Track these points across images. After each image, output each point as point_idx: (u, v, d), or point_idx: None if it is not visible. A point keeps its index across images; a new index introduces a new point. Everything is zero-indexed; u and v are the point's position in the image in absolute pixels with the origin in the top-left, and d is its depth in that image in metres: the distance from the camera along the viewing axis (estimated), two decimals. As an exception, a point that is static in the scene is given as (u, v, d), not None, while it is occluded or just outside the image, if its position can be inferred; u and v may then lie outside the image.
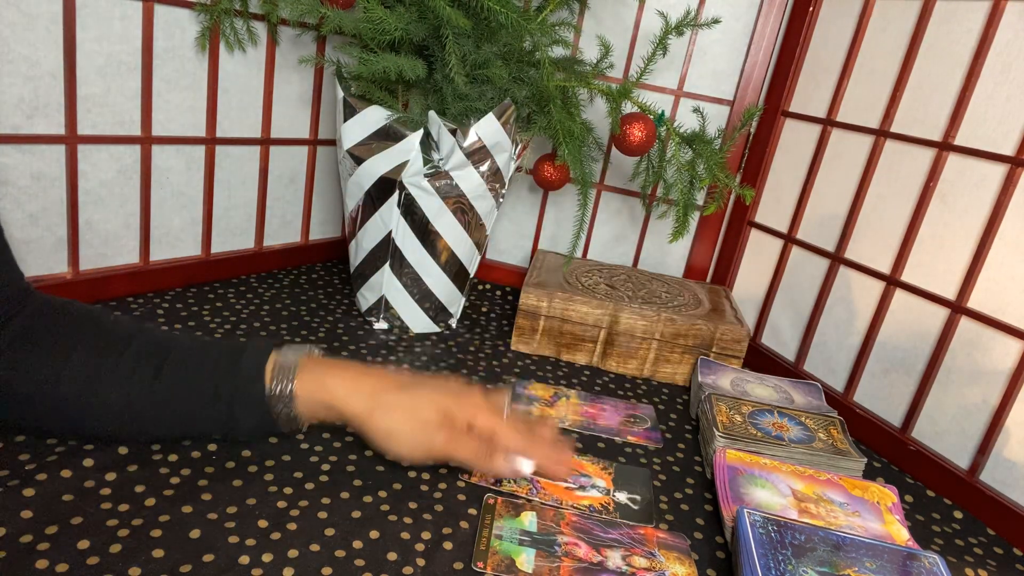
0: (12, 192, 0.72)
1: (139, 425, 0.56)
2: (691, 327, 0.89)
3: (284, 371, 0.56)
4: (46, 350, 0.53)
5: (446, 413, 0.57)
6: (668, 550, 0.58)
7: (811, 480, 0.66)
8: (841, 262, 0.89)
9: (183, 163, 0.86)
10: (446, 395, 0.58)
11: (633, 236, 1.12)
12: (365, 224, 0.86)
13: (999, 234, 0.73)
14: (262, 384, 0.55)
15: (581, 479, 0.66)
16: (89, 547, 0.47)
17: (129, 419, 0.55)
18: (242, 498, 0.55)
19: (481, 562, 0.53)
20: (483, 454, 0.57)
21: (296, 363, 0.57)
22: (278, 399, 0.56)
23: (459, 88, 0.80)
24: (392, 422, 0.56)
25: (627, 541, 0.58)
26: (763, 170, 1.01)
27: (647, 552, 0.57)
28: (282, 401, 0.56)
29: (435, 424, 0.57)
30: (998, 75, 0.74)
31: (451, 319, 0.94)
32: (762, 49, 1.00)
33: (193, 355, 0.56)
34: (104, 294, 0.82)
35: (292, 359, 0.57)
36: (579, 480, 0.66)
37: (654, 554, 0.57)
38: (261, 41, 0.89)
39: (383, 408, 0.56)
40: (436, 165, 0.82)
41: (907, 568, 0.54)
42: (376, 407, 0.56)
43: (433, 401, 0.57)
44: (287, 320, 0.87)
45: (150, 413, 0.55)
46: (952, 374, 0.76)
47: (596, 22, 1.03)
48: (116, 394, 0.54)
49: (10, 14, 0.67)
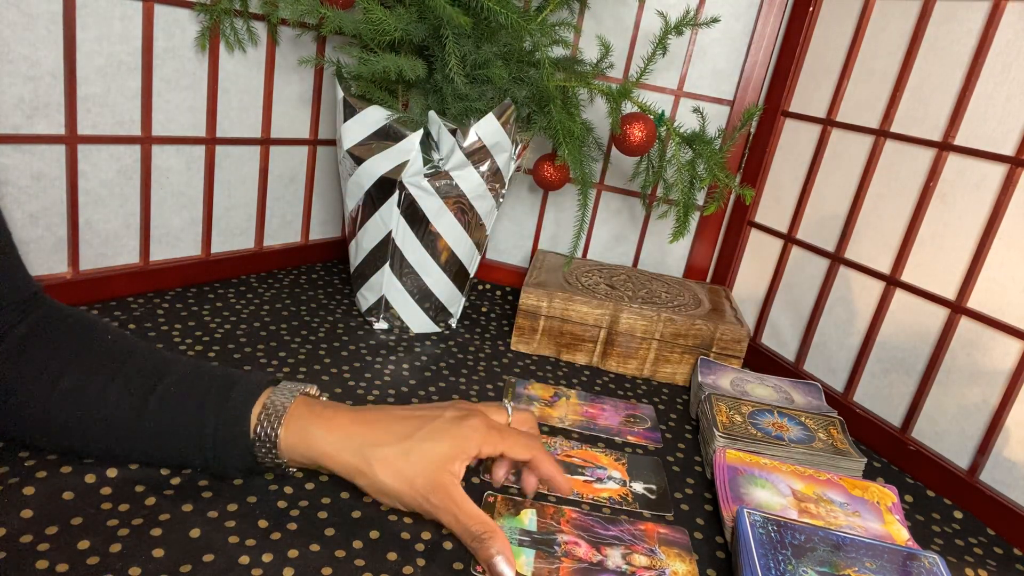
0: (12, 192, 0.72)
1: (121, 453, 0.54)
2: (691, 327, 0.89)
3: (271, 416, 0.53)
4: (41, 365, 0.52)
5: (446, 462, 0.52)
6: (669, 546, 0.58)
7: (811, 480, 0.66)
8: (841, 262, 0.89)
9: (183, 163, 0.86)
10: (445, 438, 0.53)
11: (633, 236, 1.12)
12: (365, 224, 0.86)
13: (999, 234, 0.73)
14: (247, 426, 0.52)
15: (598, 471, 0.66)
16: (89, 547, 0.47)
17: (112, 444, 0.53)
18: (242, 497, 0.55)
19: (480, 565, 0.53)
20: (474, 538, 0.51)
21: (285, 408, 0.53)
22: (262, 444, 0.53)
23: (459, 88, 0.80)
24: (383, 480, 0.52)
25: (628, 538, 0.58)
26: (763, 170, 1.01)
27: (648, 549, 0.57)
28: (266, 447, 0.53)
29: (426, 485, 0.52)
30: (998, 75, 0.74)
31: (451, 319, 0.94)
32: (762, 49, 1.01)
33: (184, 385, 0.53)
34: (104, 294, 0.82)
35: (282, 403, 0.54)
36: (596, 472, 0.66)
37: (655, 551, 0.57)
38: (261, 41, 0.89)
39: (372, 464, 0.52)
40: (436, 165, 0.82)
41: (907, 568, 0.54)
42: (366, 464, 0.52)
43: (429, 454, 0.53)
44: (287, 320, 0.87)
45: (134, 440, 0.53)
46: (952, 374, 0.76)
47: (596, 22, 1.03)
48: (102, 418, 0.52)
49: (10, 14, 0.67)
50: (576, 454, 0.69)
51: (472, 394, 0.78)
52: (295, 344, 0.81)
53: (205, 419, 0.52)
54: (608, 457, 0.70)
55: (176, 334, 0.78)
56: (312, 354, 0.80)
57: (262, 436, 0.52)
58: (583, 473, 0.66)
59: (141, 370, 0.54)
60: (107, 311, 0.80)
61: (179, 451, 0.53)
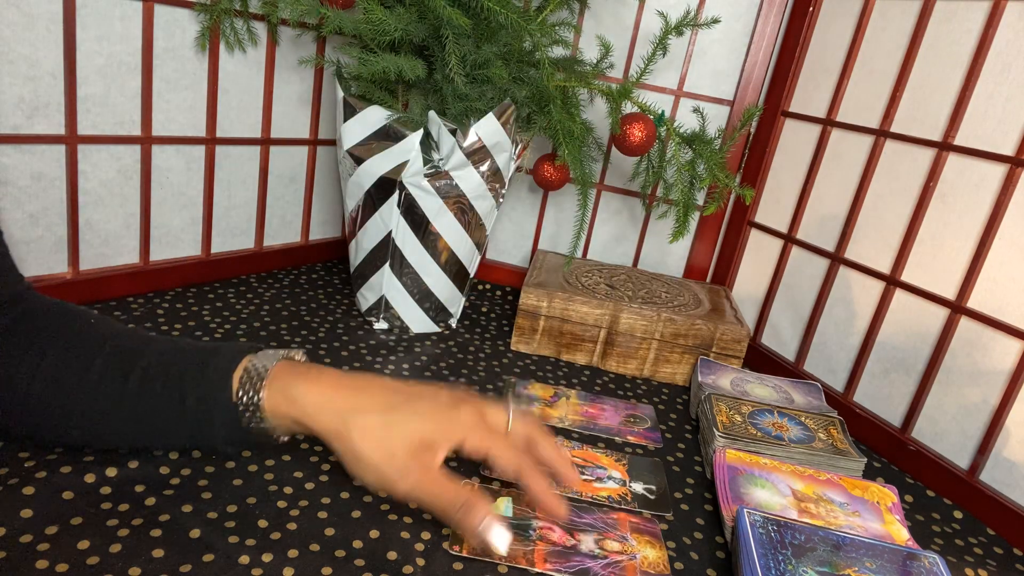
0: (12, 192, 0.72)
1: (102, 433, 0.53)
2: (691, 327, 0.89)
3: (253, 378, 0.51)
4: (21, 355, 0.52)
5: (426, 444, 0.49)
6: (640, 534, 0.59)
7: (811, 480, 0.66)
8: (841, 262, 0.89)
9: (183, 163, 0.86)
10: (432, 418, 0.51)
11: (633, 236, 1.12)
12: (365, 224, 0.86)
13: (999, 234, 0.73)
14: (228, 392, 0.51)
15: (597, 471, 0.67)
16: (89, 547, 0.47)
17: (95, 428, 0.52)
18: (242, 497, 0.55)
19: (457, 545, 0.53)
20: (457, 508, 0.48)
21: (267, 370, 0.51)
22: (245, 408, 0.51)
23: (459, 88, 0.80)
24: (361, 448, 0.49)
25: (600, 526, 0.59)
26: (763, 170, 1.01)
27: (620, 536, 0.58)
28: (249, 411, 0.51)
29: (405, 462, 0.49)
30: (998, 75, 0.74)
31: (451, 319, 0.94)
32: (762, 49, 1.01)
33: (164, 359, 0.52)
34: (104, 294, 0.82)
35: (263, 365, 0.52)
36: (596, 472, 0.67)
37: (626, 538, 0.58)
38: (261, 41, 0.89)
39: (353, 430, 0.49)
40: (436, 165, 0.82)
41: (907, 568, 0.54)
42: (345, 428, 0.49)
43: (411, 430, 0.50)
44: (287, 320, 0.87)
45: (114, 420, 0.52)
46: (952, 374, 0.76)
47: (596, 22, 1.03)
48: (81, 399, 0.51)
49: (10, 14, 0.67)
50: (576, 454, 0.69)
51: (472, 394, 0.78)
52: (295, 344, 0.81)
53: (186, 389, 0.51)
54: (608, 457, 0.70)
55: (176, 334, 0.78)
56: (312, 354, 0.80)
57: (244, 400, 0.51)
58: (583, 473, 0.66)
59: (121, 349, 0.53)
60: (107, 311, 0.80)
61: (162, 427, 0.52)
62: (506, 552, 0.51)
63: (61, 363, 0.52)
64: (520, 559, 0.53)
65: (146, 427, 0.53)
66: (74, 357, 0.52)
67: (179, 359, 0.53)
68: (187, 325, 0.80)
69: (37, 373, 0.51)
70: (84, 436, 0.53)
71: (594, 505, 0.62)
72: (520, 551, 0.54)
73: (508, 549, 0.50)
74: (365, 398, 0.51)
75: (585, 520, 0.59)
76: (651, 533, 0.59)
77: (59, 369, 0.51)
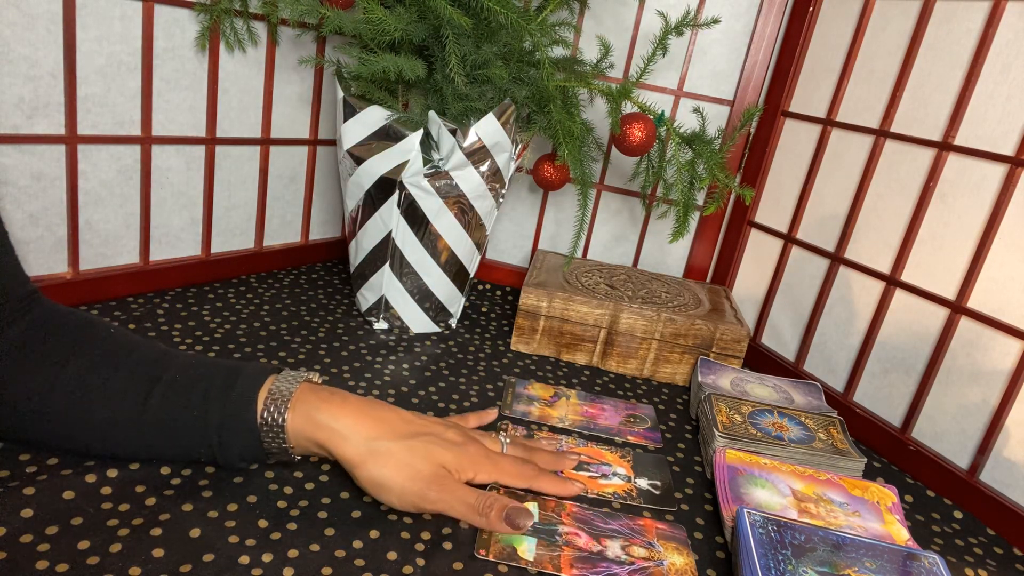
0: (12, 192, 0.72)
1: (124, 444, 0.54)
2: (691, 327, 0.89)
3: (277, 400, 0.54)
4: (39, 362, 0.52)
5: (443, 466, 0.55)
6: (667, 540, 0.58)
7: (811, 480, 0.66)
8: (841, 262, 0.89)
9: (183, 163, 0.86)
10: (450, 449, 0.56)
11: (633, 236, 1.12)
12: (365, 224, 0.86)
13: (999, 234, 0.73)
14: (254, 411, 0.53)
15: (603, 467, 0.67)
16: (89, 547, 0.47)
17: (114, 438, 0.53)
18: (242, 497, 0.55)
19: (484, 550, 0.53)
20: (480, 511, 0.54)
21: (291, 392, 0.54)
22: (269, 429, 0.53)
23: (459, 88, 0.80)
24: (384, 474, 0.53)
25: (627, 532, 0.59)
26: (763, 170, 1.01)
27: (646, 543, 0.58)
28: (273, 431, 0.53)
29: (428, 478, 0.54)
30: (998, 75, 0.74)
31: (451, 319, 0.94)
32: (762, 49, 1.01)
33: (188, 375, 0.54)
34: (104, 294, 0.82)
35: (287, 388, 0.55)
36: (601, 468, 0.67)
37: (653, 544, 0.57)
38: (261, 41, 0.89)
39: (376, 456, 0.54)
40: (436, 165, 0.82)
41: (907, 568, 0.55)
42: (369, 455, 0.54)
43: (434, 455, 0.55)
44: (287, 320, 0.87)
45: (136, 433, 0.53)
46: (952, 374, 0.76)
47: (596, 22, 1.03)
48: (104, 411, 0.52)
49: (10, 14, 0.67)
50: (581, 451, 0.70)
51: (472, 394, 0.78)
52: (295, 344, 0.81)
53: (210, 406, 0.53)
54: (613, 454, 0.70)
55: (176, 334, 0.78)
56: (312, 354, 0.80)
57: (269, 421, 0.53)
58: (588, 469, 0.66)
59: (144, 362, 0.54)
60: (107, 311, 0.80)
61: (183, 441, 0.54)
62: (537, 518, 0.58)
63: (84, 375, 0.52)
64: (547, 564, 0.53)
65: (165, 441, 0.54)
66: (97, 369, 0.53)
67: (203, 376, 0.54)
68: (187, 325, 0.80)
69: (57, 384, 0.52)
70: (103, 447, 0.54)
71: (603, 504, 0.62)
72: (546, 556, 0.54)
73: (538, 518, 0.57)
74: (386, 428, 0.55)
75: (611, 526, 0.59)
76: (679, 540, 0.59)
77: (81, 381, 0.52)
